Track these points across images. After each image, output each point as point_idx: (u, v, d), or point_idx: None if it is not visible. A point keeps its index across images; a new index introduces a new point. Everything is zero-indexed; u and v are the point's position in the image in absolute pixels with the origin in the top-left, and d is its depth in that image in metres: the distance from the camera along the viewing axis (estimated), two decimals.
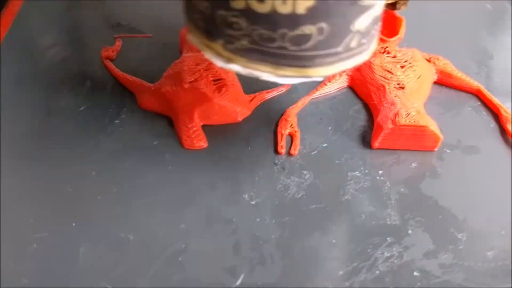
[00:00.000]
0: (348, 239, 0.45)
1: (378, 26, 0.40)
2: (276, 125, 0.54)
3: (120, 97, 0.57)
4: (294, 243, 0.45)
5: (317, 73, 0.38)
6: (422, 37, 0.64)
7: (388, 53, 0.56)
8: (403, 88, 0.54)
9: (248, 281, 0.42)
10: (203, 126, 0.53)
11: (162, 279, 0.42)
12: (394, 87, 0.54)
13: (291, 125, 0.53)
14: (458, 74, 0.58)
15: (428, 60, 0.59)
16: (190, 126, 0.52)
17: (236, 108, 0.54)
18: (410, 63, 0.56)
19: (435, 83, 0.59)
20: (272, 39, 0.36)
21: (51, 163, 0.50)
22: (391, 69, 0.55)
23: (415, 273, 0.43)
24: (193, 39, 0.41)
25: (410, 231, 0.45)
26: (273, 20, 0.35)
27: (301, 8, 0.34)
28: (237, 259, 0.43)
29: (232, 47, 0.38)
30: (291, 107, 0.55)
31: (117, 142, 0.52)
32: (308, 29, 0.35)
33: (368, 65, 0.56)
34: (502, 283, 0.42)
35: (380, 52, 0.56)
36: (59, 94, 0.57)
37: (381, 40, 0.55)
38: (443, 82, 0.59)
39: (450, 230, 0.46)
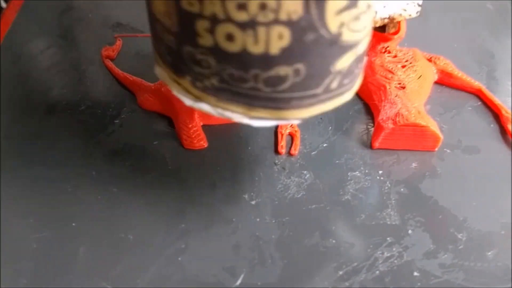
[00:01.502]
0: (348, 239, 0.45)
1: (362, 64, 0.37)
2: (276, 125, 0.54)
3: (120, 97, 0.57)
4: (294, 243, 0.45)
5: (293, 116, 0.35)
6: (423, 37, 0.64)
7: (389, 52, 0.56)
8: (403, 88, 0.53)
9: (248, 281, 0.42)
10: (203, 126, 0.53)
11: (162, 279, 0.42)
12: (395, 87, 0.54)
13: (291, 125, 0.53)
14: (459, 74, 0.58)
15: (429, 60, 0.59)
16: (190, 126, 0.52)
17: None
18: (411, 63, 0.56)
19: (436, 83, 0.59)
20: (244, 79, 0.33)
21: (51, 163, 0.50)
22: (392, 69, 0.55)
23: (415, 273, 0.43)
24: (160, 73, 0.38)
25: (410, 231, 0.45)
26: (244, 60, 0.32)
27: (274, 48, 0.31)
28: (237, 259, 0.43)
29: (200, 85, 0.35)
30: None
31: (117, 142, 0.52)
32: (283, 70, 0.32)
33: (368, 65, 0.56)
34: (502, 283, 0.42)
35: (381, 52, 0.56)
36: (59, 93, 0.57)
37: (383, 37, 0.55)
38: (444, 82, 0.59)
39: (450, 230, 0.46)
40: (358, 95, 0.57)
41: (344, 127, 0.54)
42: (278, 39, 0.31)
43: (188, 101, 0.36)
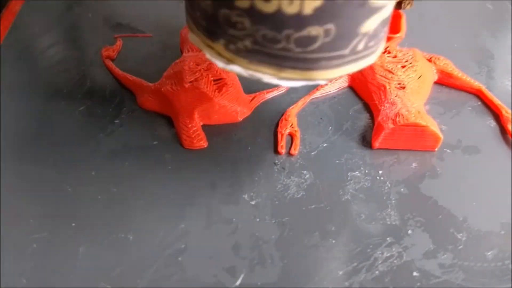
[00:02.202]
0: (347, 239, 0.45)
1: (387, 29, 0.39)
2: (276, 125, 0.54)
3: (120, 96, 0.57)
4: (294, 243, 0.45)
5: (321, 76, 0.37)
6: (423, 37, 0.64)
7: (389, 53, 0.56)
8: (403, 88, 0.53)
9: (247, 281, 0.42)
10: (203, 126, 0.53)
11: (161, 279, 0.42)
12: (395, 87, 0.54)
13: (291, 125, 0.53)
14: (459, 74, 0.58)
15: (429, 60, 0.59)
16: (190, 126, 0.52)
17: (236, 108, 0.54)
18: (410, 63, 0.56)
19: (436, 83, 0.59)
20: (276, 40, 0.34)
21: (51, 163, 0.50)
22: (391, 69, 0.55)
23: (415, 273, 0.43)
24: (193, 38, 0.40)
25: (410, 231, 0.45)
26: (278, 20, 0.33)
27: (308, 9, 0.33)
28: (237, 259, 0.43)
29: (233, 48, 0.36)
30: (291, 107, 0.55)
31: (117, 141, 0.52)
32: (314, 30, 0.34)
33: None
34: (501, 283, 0.42)
35: (381, 52, 0.56)
36: (59, 94, 0.57)
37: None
38: (444, 82, 0.59)
39: (450, 230, 0.46)
40: (358, 95, 0.57)
41: (344, 127, 0.54)
42: None
43: (220, 64, 0.38)
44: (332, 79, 0.37)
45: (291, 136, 0.53)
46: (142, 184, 0.49)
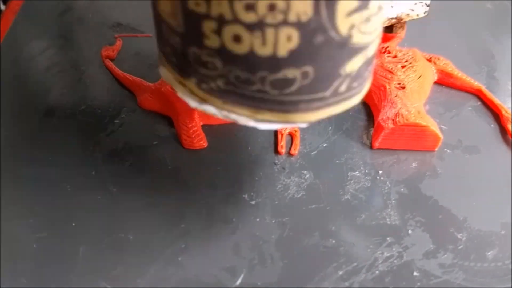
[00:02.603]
0: (347, 239, 0.45)
1: (372, 67, 0.36)
2: None
3: (120, 96, 0.57)
4: (294, 243, 0.45)
5: (301, 119, 0.34)
6: (422, 37, 0.64)
7: (389, 53, 0.56)
8: (403, 88, 0.53)
9: (248, 281, 0.42)
10: (203, 126, 0.53)
11: (161, 279, 0.42)
12: (395, 87, 0.53)
13: None
14: (459, 74, 0.58)
15: (429, 60, 0.59)
16: (190, 125, 0.52)
17: None
18: (410, 63, 0.56)
19: (436, 83, 0.59)
20: (250, 81, 0.32)
21: (51, 163, 0.50)
22: (391, 69, 0.55)
23: (415, 273, 0.43)
24: (165, 74, 0.38)
25: (410, 231, 0.45)
26: (251, 62, 0.31)
27: (282, 51, 0.30)
28: (237, 259, 0.43)
29: (206, 87, 0.34)
30: None
31: (117, 141, 0.52)
32: (291, 73, 0.31)
33: None
34: (502, 283, 0.42)
35: (381, 52, 0.56)
36: (59, 93, 0.57)
37: (383, 36, 0.55)
38: (444, 82, 0.59)
39: (450, 230, 0.46)
40: None
41: (344, 127, 0.54)
42: (287, 41, 0.30)
43: (193, 103, 0.36)
44: (313, 121, 0.35)
45: (291, 136, 0.53)
46: (142, 184, 0.49)
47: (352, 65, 0.33)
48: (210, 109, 0.35)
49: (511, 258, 0.44)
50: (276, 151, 0.51)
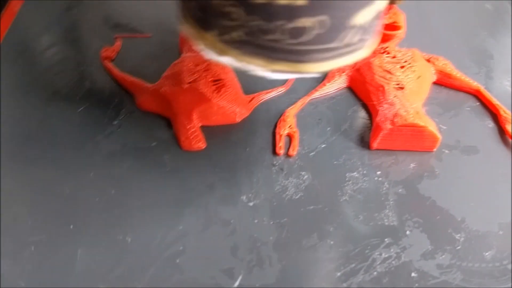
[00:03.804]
0: (346, 240, 0.45)
1: (380, 22, 0.38)
2: (275, 126, 0.54)
3: (119, 97, 0.57)
4: (292, 244, 0.45)
5: (313, 69, 0.37)
6: (422, 37, 0.64)
7: (388, 53, 0.56)
8: (402, 88, 0.53)
9: (246, 283, 0.42)
10: (202, 127, 0.53)
11: (160, 281, 0.42)
12: (394, 87, 0.54)
13: (290, 125, 0.53)
14: (458, 74, 0.58)
15: (428, 61, 0.59)
16: (188, 127, 0.52)
17: (235, 108, 0.54)
18: (409, 64, 0.56)
19: (435, 83, 0.59)
20: (269, 30, 0.34)
21: (49, 165, 0.50)
22: (390, 69, 0.55)
23: (413, 274, 0.43)
24: (186, 29, 0.39)
25: (408, 232, 0.45)
26: (271, 10, 0.33)
27: None
28: (235, 260, 0.44)
29: (226, 38, 0.36)
30: (289, 108, 0.55)
31: (116, 143, 0.52)
32: (307, 21, 0.34)
33: (367, 65, 0.56)
34: (500, 283, 0.42)
35: (380, 52, 0.56)
36: (58, 94, 0.57)
37: (383, 37, 0.55)
38: (443, 82, 0.59)
39: (448, 230, 0.46)
40: (356, 95, 0.57)
41: (343, 128, 0.54)
42: None
43: (212, 55, 0.38)
44: (324, 71, 0.37)
45: (290, 137, 0.53)
46: (141, 185, 0.49)
47: (364, 16, 0.35)
48: (228, 60, 0.37)
49: (510, 259, 0.44)
50: (274, 152, 0.51)
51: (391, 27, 0.56)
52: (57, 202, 0.47)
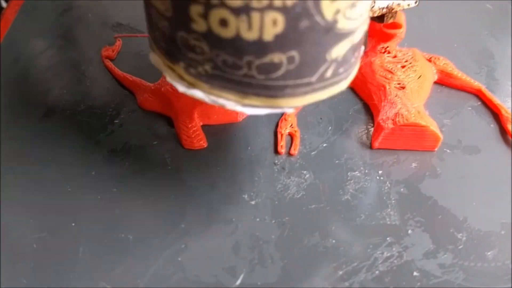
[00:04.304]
0: (347, 239, 0.45)
1: (359, 53, 0.37)
2: (276, 125, 0.54)
3: (120, 97, 0.57)
4: (293, 243, 0.45)
5: (287, 104, 0.35)
6: (422, 37, 0.64)
7: (389, 53, 0.56)
8: (403, 88, 0.53)
9: (247, 281, 0.42)
10: (203, 126, 0.53)
11: (161, 279, 0.42)
12: (395, 87, 0.54)
13: (291, 125, 0.53)
14: (459, 74, 0.58)
15: (429, 60, 0.59)
16: (190, 126, 0.52)
17: None
18: (410, 63, 0.56)
19: (436, 83, 0.59)
20: (237, 66, 0.33)
21: (51, 163, 0.50)
22: (391, 69, 0.55)
23: (415, 273, 0.43)
24: (154, 59, 0.38)
25: (410, 231, 0.45)
26: (238, 46, 0.32)
27: (268, 35, 0.31)
28: (236, 259, 0.44)
29: (194, 72, 0.34)
30: None
31: (117, 142, 0.52)
32: (277, 57, 0.32)
33: (368, 65, 0.56)
34: (502, 283, 0.42)
35: (381, 52, 0.56)
36: (59, 93, 0.57)
37: (383, 37, 0.55)
38: (444, 82, 0.59)
39: (450, 230, 0.46)
40: (358, 95, 0.57)
41: (344, 127, 0.54)
42: (272, 26, 0.31)
43: (181, 88, 0.36)
44: (299, 106, 0.35)
45: (291, 136, 0.53)
46: (142, 184, 0.49)
47: (338, 51, 0.33)
48: (198, 93, 0.35)
49: (511, 258, 0.44)
50: (276, 151, 0.51)
51: (392, 26, 0.56)
52: (59, 200, 0.47)
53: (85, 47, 0.64)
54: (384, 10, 0.51)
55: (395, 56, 0.56)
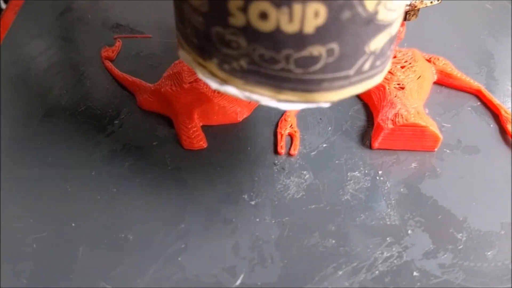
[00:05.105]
0: (347, 239, 0.45)
1: (394, 46, 0.36)
2: (276, 126, 0.54)
3: (120, 97, 0.57)
4: (293, 243, 0.45)
5: (324, 98, 0.34)
6: (422, 37, 0.64)
7: None
8: (403, 88, 0.54)
9: (247, 281, 0.42)
10: (203, 127, 0.53)
11: (161, 279, 0.42)
12: (394, 87, 0.54)
13: (291, 125, 0.53)
14: (458, 74, 0.58)
15: (428, 60, 0.59)
16: (189, 126, 0.52)
17: (236, 108, 0.54)
18: (410, 63, 0.56)
19: (435, 83, 0.59)
20: (274, 60, 0.32)
21: (51, 163, 0.50)
22: (391, 69, 0.55)
23: (415, 273, 0.43)
24: (184, 56, 0.37)
25: (409, 231, 0.45)
26: (277, 39, 0.31)
27: (309, 27, 0.30)
28: (236, 259, 0.43)
29: (228, 68, 0.34)
30: None
31: (117, 142, 0.52)
32: (316, 50, 0.31)
33: None
34: (502, 283, 0.42)
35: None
36: (59, 94, 0.57)
37: None
38: (443, 82, 0.59)
39: (450, 230, 0.46)
40: (357, 95, 0.57)
41: (344, 127, 0.54)
42: (314, 17, 0.30)
43: (214, 85, 0.35)
44: (335, 101, 0.34)
45: (291, 137, 0.53)
46: (142, 184, 0.49)
47: (377, 43, 0.33)
48: (231, 90, 0.35)
49: (511, 258, 0.44)
50: (276, 152, 0.51)
51: None
52: (59, 200, 0.47)
53: (85, 47, 0.64)
54: (407, 8, 0.51)
55: (394, 57, 0.56)
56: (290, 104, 0.34)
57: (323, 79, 0.33)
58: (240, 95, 0.35)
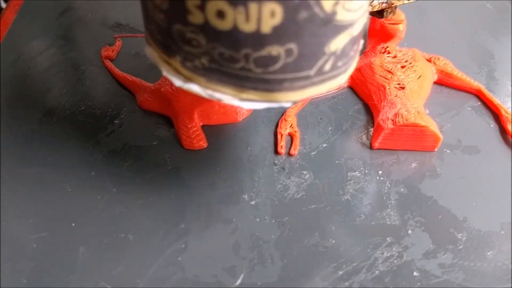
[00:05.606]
0: (347, 239, 0.45)
1: (358, 47, 0.36)
2: (276, 125, 0.54)
3: (120, 97, 0.57)
4: (293, 243, 0.45)
5: (285, 98, 0.34)
6: (422, 37, 0.64)
7: (389, 53, 0.56)
8: (403, 88, 0.54)
9: (247, 281, 0.42)
10: (203, 126, 0.53)
11: (161, 279, 0.42)
12: (395, 87, 0.54)
13: (291, 125, 0.53)
14: (459, 74, 0.58)
15: (429, 60, 0.59)
16: (189, 126, 0.52)
17: (236, 108, 0.54)
18: (410, 63, 0.56)
19: (435, 83, 0.59)
20: (234, 59, 0.32)
21: (51, 163, 0.50)
22: (391, 69, 0.55)
23: (415, 273, 0.43)
24: (151, 53, 0.37)
25: (410, 231, 0.45)
26: (235, 38, 0.31)
27: (266, 27, 0.30)
28: (236, 259, 0.43)
29: (190, 65, 0.34)
30: (290, 107, 0.55)
31: (117, 142, 0.52)
32: (275, 50, 0.31)
33: (368, 65, 0.56)
34: (502, 283, 0.42)
35: (381, 52, 0.56)
36: (59, 94, 0.57)
37: (384, 36, 0.55)
38: (444, 82, 0.59)
39: (450, 230, 0.46)
40: (358, 95, 0.57)
41: (344, 127, 0.54)
42: (270, 17, 0.30)
43: (178, 82, 0.35)
44: (297, 101, 0.35)
45: (291, 136, 0.53)
46: (142, 184, 0.49)
47: (337, 43, 0.33)
48: (194, 88, 0.35)
49: (511, 258, 0.44)
50: (276, 151, 0.51)
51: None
52: (59, 200, 0.47)
53: (85, 47, 0.64)
54: (384, 5, 0.51)
55: (395, 56, 0.56)
56: (252, 103, 0.34)
57: (283, 79, 0.33)
58: (203, 93, 0.35)
